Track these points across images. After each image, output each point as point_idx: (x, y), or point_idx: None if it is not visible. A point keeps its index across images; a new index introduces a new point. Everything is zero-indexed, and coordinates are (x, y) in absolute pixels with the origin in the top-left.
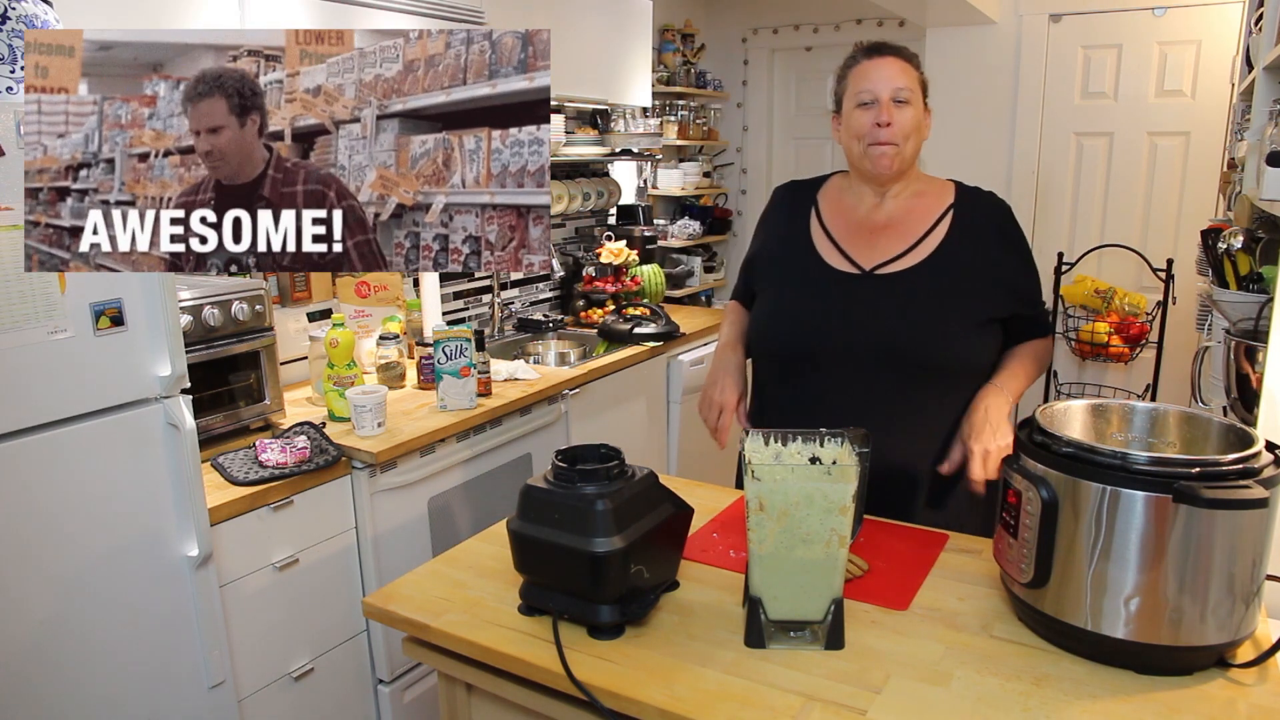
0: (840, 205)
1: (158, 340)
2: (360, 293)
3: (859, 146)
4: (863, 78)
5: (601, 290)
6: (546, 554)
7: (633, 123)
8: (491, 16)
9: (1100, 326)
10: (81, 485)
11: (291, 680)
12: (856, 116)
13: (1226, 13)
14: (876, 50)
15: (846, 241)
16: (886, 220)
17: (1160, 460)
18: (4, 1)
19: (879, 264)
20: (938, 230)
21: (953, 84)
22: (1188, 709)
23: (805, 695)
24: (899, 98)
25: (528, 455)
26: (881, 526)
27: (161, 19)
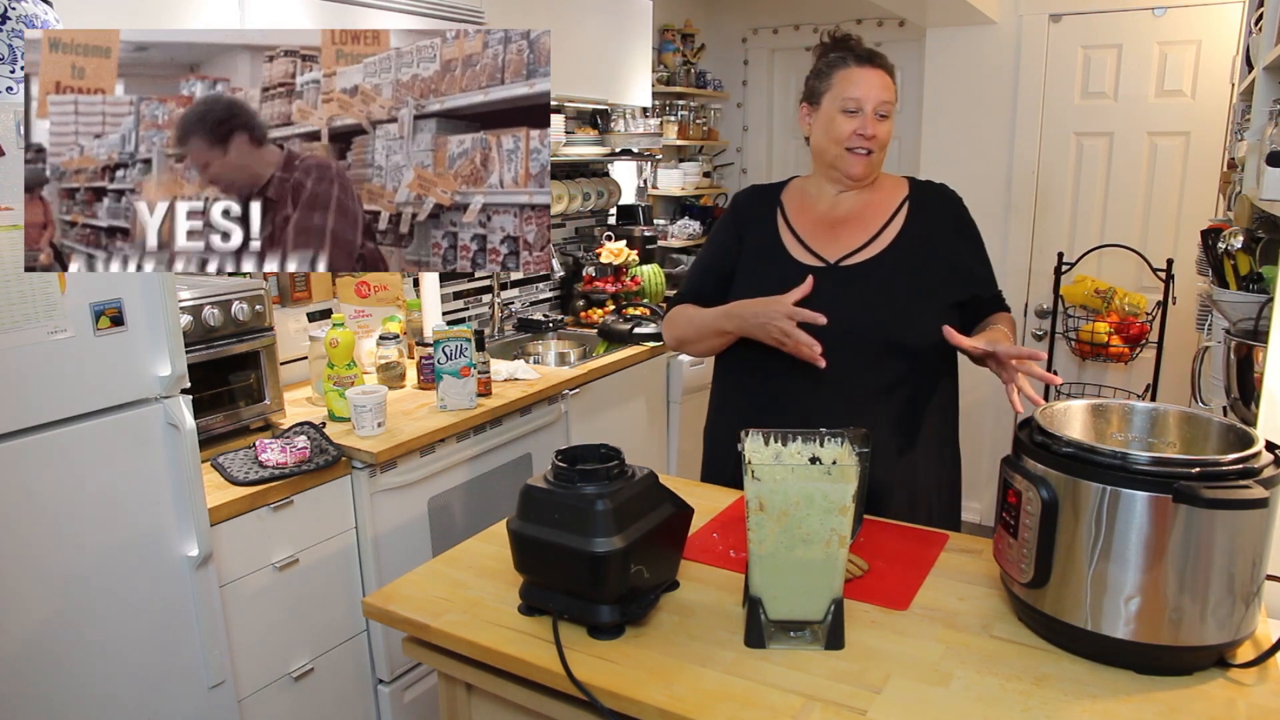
0: (802, 204)
1: (158, 340)
2: (360, 293)
3: (835, 149)
4: (852, 84)
5: (601, 290)
6: (546, 554)
7: (633, 123)
8: (491, 16)
9: (1100, 326)
10: (81, 485)
11: (291, 680)
12: (840, 121)
13: (1226, 13)
14: (868, 59)
15: (810, 237)
16: (846, 214)
17: (1160, 460)
18: (4, 1)
19: (843, 256)
20: (895, 221)
21: (953, 84)
22: (1188, 709)
23: (805, 695)
24: (881, 111)
25: (528, 455)
26: (881, 526)
27: (161, 19)
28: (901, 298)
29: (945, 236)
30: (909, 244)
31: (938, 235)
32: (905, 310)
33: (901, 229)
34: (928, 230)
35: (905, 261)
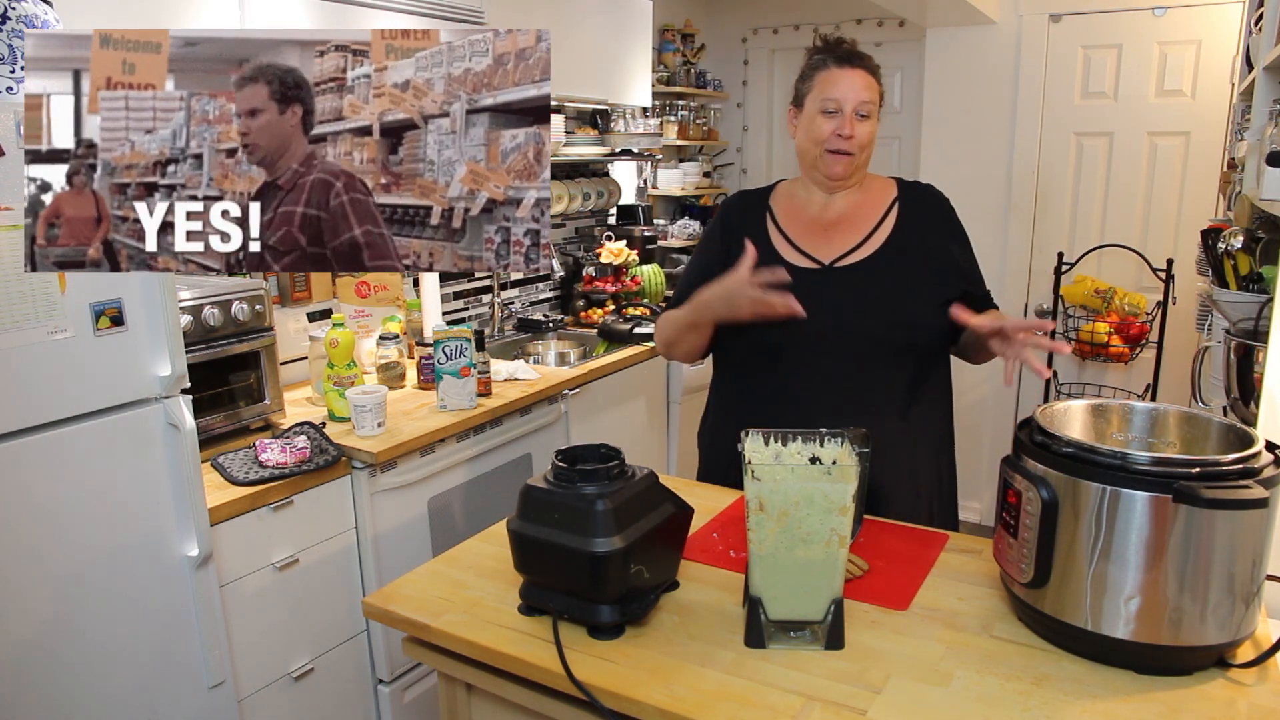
0: (792, 207)
1: (158, 340)
2: (360, 293)
3: (816, 150)
4: (831, 85)
5: (601, 290)
6: (546, 554)
7: (633, 123)
8: (491, 16)
9: (1100, 326)
10: (82, 485)
11: (291, 680)
12: (819, 122)
13: (1226, 13)
14: (848, 59)
15: (803, 240)
16: (837, 217)
17: (1160, 460)
18: (4, 1)
19: (837, 257)
20: (886, 222)
21: (953, 84)
22: (1188, 709)
23: (805, 695)
24: (862, 111)
25: (528, 455)
26: (881, 526)
27: (161, 18)
28: (898, 297)
29: (936, 235)
30: (902, 243)
31: (929, 234)
32: (902, 309)
33: (894, 229)
34: (919, 229)
35: (899, 261)
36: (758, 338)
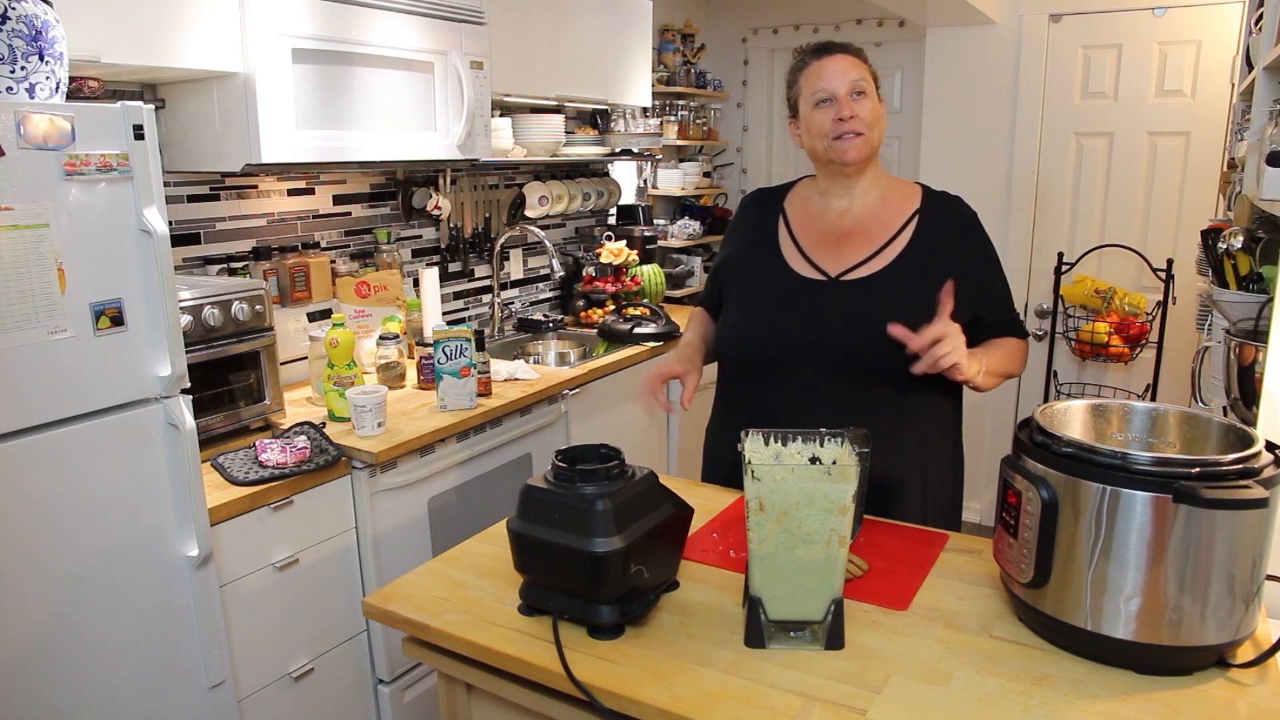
0: (807, 213)
1: (158, 340)
2: (360, 293)
3: (824, 143)
4: (816, 77)
5: (601, 290)
6: (546, 554)
7: (633, 123)
8: (491, 16)
9: (1100, 326)
10: (82, 485)
11: (291, 680)
12: (817, 116)
13: (1226, 13)
14: (825, 49)
15: (813, 249)
16: (853, 225)
17: (1160, 460)
18: (4, 2)
19: (844, 270)
20: (903, 235)
21: (953, 84)
22: (1188, 709)
23: (805, 695)
24: (856, 89)
25: (528, 455)
26: (881, 526)
27: (161, 18)
28: (900, 316)
29: (954, 252)
30: (915, 258)
31: (946, 252)
32: (907, 326)
33: (909, 243)
34: (936, 245)
35: (909, 277)
36: (755, 350)
